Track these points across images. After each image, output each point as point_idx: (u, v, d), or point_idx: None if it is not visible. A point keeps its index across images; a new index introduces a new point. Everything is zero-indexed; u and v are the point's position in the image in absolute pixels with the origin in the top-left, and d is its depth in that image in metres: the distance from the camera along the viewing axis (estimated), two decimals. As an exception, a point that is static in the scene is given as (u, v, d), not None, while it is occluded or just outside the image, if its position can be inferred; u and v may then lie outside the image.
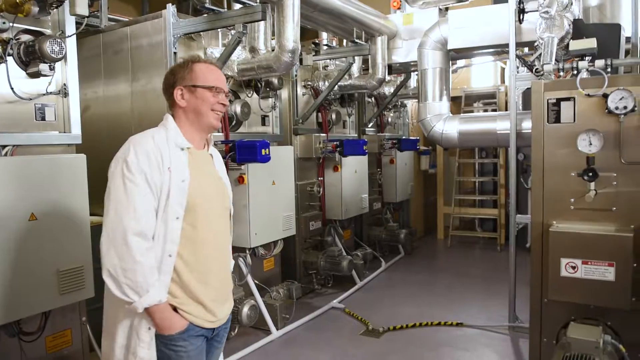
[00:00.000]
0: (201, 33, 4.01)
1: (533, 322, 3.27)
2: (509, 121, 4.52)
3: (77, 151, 3.24)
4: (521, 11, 4.42)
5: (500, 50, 5.63)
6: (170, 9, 3.78)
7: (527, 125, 4.66)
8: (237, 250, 4.28)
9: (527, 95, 6.87)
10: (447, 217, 8.57)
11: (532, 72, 4.43)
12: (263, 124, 4.84)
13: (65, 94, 3.16)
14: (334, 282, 5.87)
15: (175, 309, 1.91)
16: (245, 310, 4.06)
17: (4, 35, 2.81)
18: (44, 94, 3.06)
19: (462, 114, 5.44)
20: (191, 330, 1.94)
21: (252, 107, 4.46)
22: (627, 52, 4.02)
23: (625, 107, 2.81)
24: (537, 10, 4.02)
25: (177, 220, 1.89)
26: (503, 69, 8.72)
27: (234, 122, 4.34)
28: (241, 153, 3.87)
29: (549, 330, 3.19)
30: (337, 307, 5.17)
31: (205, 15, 3.78)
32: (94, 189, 3.13)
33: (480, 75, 8.70)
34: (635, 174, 2.89)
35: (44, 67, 2.92)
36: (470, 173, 8.80)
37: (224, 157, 3.94)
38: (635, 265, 2.80)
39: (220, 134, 4.17)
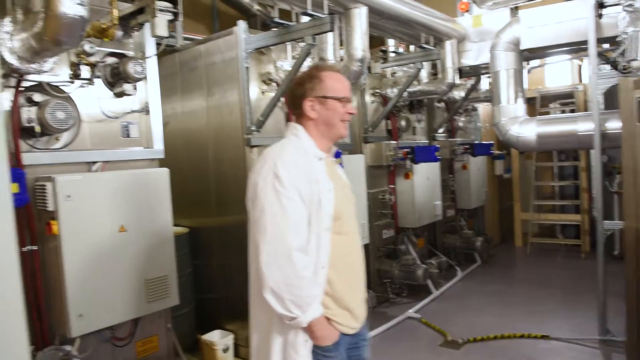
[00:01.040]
0: (271, 47, 4.11)
1: (630, 337, 3.04)
2: (592, 122, 4.26)
3: (159, 164, 3.41)
4: (600, 5, 4.18)
5: (577, 47, 5.35)
6: (242, 25, 3.90)
7: (611, 125, 4.37)
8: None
9: (609, 93, 6.49)
10: (525, 223, 8.19)
11: (615, 69, 4.17)
12: (333, 133, 4.86)
13: (148, 112, 3.35)
14: (409, 292, 5.76)
15: (328, 320, 1.91)
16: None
17: (92, 59, 3.02)
18: (129, 112, 3.25)
19: (539, 116, 5.20)
20: (341, 339, 1.95)
21: (322, 117, 4.49)
22: None
23: None
24: (618, 4, 3.80)
25: (327, 231, 1.89)
26: (580, 67, 8.28)
27: (305, 132, 4.39)
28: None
29: (648, 344, 2.96)
30: (413, 317, 5.07)
31: (276, 29, 3.87)
32: (175, 200, 3.28)
33: (556, 74, 8.30)
34: None
35: (128, 86, 3.11)
36: (549, 177, 8.38)
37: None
38: None
39: (292, 144, 4.21)
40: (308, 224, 1.85)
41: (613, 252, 6.64)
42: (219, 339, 4.02)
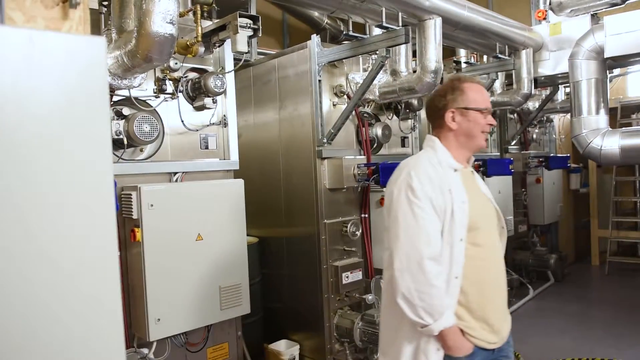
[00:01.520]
0: (343, 60, 4.13)
1: None
2: (685, 134, 3.97)
3: (234, 175, 3.50)
4: (695, 9, 3.91)
5: (667, 54, 5.01)
6: (315, 39, 3.96)
7: None
8: (379, 272, 4.26)
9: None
10: (603, 241, 7.73)
11: None
12: (403, 145, 4.82)
13: (225, 124, 3.45)
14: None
15: (462, 331, 1.92)
16: (389, 334, 3.99)
17: (176, 74, 3.16)
18: (208, 125, 3.37)
19: (623, 128, 4.91)
20: (476, 353, 1.94)
21: (392, 129, 4.47)
22: None
23: None
24: None
25: (461, 242, 1.91)
26: (667, 75, 7.75)
27: (375, 144, 4.38)
28: (385, 176, 3.87)
29: None
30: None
31: (349, 42, 3.89)
32: (247, 210, 3.35)
33: (638, 83, 7.82)
34: None
35: (208, 100, 3.22)
36: (630, 192, 7.89)
37: (366, 180, 3.99)
38: None
39: (363, 156, 4.22)
40: (441, 235, 1.89)
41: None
42: (285, 348, 4.06)
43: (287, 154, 4.31)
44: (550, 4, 5.74)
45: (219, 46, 3.25)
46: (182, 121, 3.24)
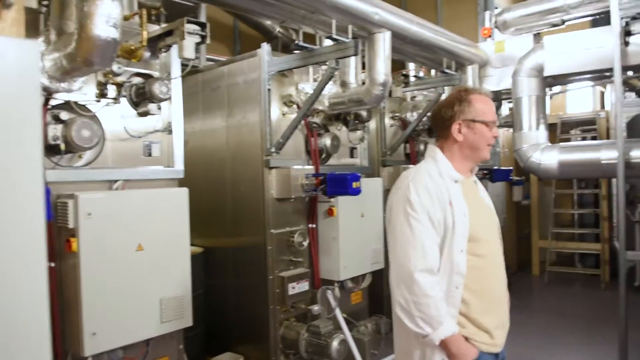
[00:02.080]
0: (293, 69, 4.13)
1: (655, 375, 2.94)
2: (616, 150, 4.20)
3: (179, 183, 3.42)
4: (627, 33, 4.15)
5: (601, 75, 5.30)
6: (266, 47, 3.94)
7: (635, 154, 4.33)
8: (326, 282, 4.26)
9: (633, 122, 6.40)
10: (543, 251, 8.05)
11: (641, 97, 4.11)
12: (351, 156, 4.85)
13: (170, 131, 3.36)
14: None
15: (466, 338, 1.95)
16: (335, 344, 3.98)
17: (119, 79, 3.05)
18: (152, 132, 3.27)
19: (561, 143, 5.15)
20: (481, 357, 1.97)
21: (341, 140, 4.50)
22: None
23: None
24: (646, 32, 3.76)
25: (461, 253, 1.94)
26: (602, 93, 8.20)
27: (324, 154, 4.39)
28: (332, 186, 3.88)
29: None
30: (427, 345, 4.97)
31: (299, 52, 3.90)
32: (191, 219, 3.27)
33: (577, 100, 8.24)
34: None
35: (152, 106, 3.13)
36: (569, 204, 8.26)
37: (314, 190, 3.99)
38: None
39: (311, 167, 4.22)
40: (439, 246, 1.93)
41: (634, 283, 6.50)
42: (229, 361, 3.98)
43: (234, 162, 4.25)
44: (495, 22, 5.97)
45: (165, 51, 3.18)
46: (125, 127, 3.13)
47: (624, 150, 4.14)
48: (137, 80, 3.17)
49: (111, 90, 3.00)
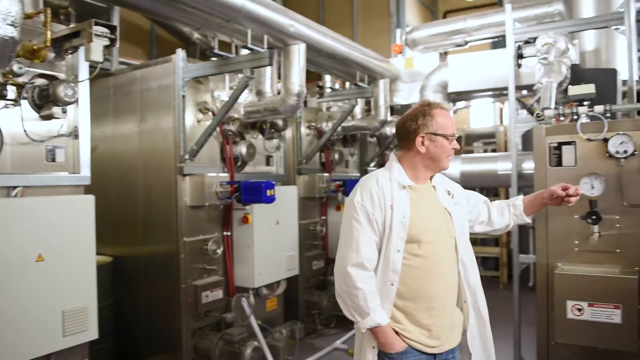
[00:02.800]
0: (209, 76, 4.12)
1: (540, 365, 3.24)
2: (510, 162, 4.58)
3: (85, 190, 3.28)
4: (519, 56, 4.55)
5: (499, 93, 5.76)
6: (180, 54, 3.90)
7: (527, 165, 4.72)
8: (241, 290, 4.26)
9: (527, 136, 6.99)
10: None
11: (531, 115, 4.52)
12: (267, 164, 4.90)
13: (76, 136, 3.23)
14: (337, 322, 5.80)
15: (397, 332, 2.10)
16: (248, 352, 4.00)
17: (20, 80, 2.89)
18: (56, 136, 3.13)
19: (463, 155, 5.53)
20: (410, 353, 2.11)
21: (257, 148, 4.54)
22: (623, 95, 4.12)
23: (625, 152, 2.88)
24: (535, 56, 4.14)
25: (398, 253, 2.08)
26: (502, 109, 8.88)
27: (239, 162, 4.41)
28: (246, 194, 3.91)
29: (557, 374, 3.16)
30: (340, 348, 5.10)
31: (214, 60, 3.90)
32: (100, 227, 3.16)
33: (480, 115, 8.85)
34: (637, 216, 2.93)
35: (56, 110, 2.99)
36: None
37: (228, 198, 4.00)
38: (641, 307, 2.80)
39: (226, 174, 4.22)
40: (377, 245, 2.11)
41: (528, 284, 7.05)
42: (139, 374, 3.86)
43: (147, 168, 4.15)
44: (405, 40, 6.31)
45: (71, 53, 3.05)
46: (26, 131, 2.97)
47: (517, 162, 4.52)
48: (41, 81, 3.02)
49: (10, 91, 2.84)
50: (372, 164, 7.05)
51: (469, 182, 5.25)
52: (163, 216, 4.00)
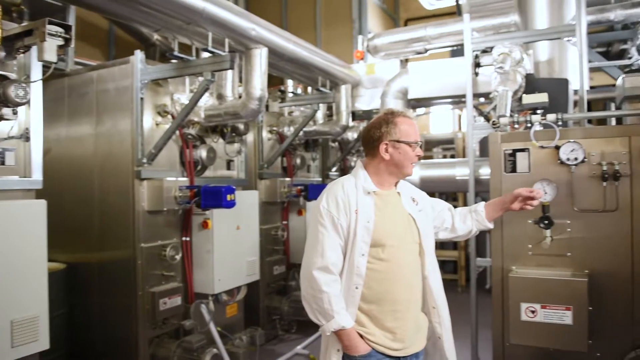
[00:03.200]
0: (168, 79, 4.05)
1: (496, 366, 3.32)
2: (468, 167, 4.68)
3: (37, 194, 3.16)
4: (477, 65, 4.67)
5: (458, 100, 5.90)
6: (139, 55, 3.82)
7: (484, 171, 4.84)
8: (200, 296, 4.19)
9: (484, 142, 7.18)
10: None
11: (488, 122, 4.64)
12: (228, 168, 4.85)
13: (28, 139, 3.11)
14: (298, 328, 5.78)
15: (361, 335, 2.13)
16: (207, 359, 3.94)
17: (-33, 79, 2.77)
18: (5, 138, 3.00)
19: (423, 160, 5.62)
20: (374, 356, 2.14)
21: (217, 152, 4.48)
22: (574, 104, 4.29)
23: (576, 159, 2.98)
24: (492, 65, 4.26)
25: (362, 257, 2.13)
26: (460, 116, 9.09)
27: (199, 166, 4.34)
28: (206, 199, 3.86)
29: (512, 374, 3.24)
30: (301, 354, 5.09)
31: (174, 62, 3.84)
32: (53, 233, 3.05)
33: (439, 121, 9.03)
34: (587, 221, 3.04)
35: (7, 111, 2.88)
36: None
37: (187, 203, 3.93)
38: (590, 308, 2.90)
39: (186, 178, 4.15)
40: (342, 249, 2.15)
41: (485, 286, 7.22)
42: (94, 384, 3.74)
43: (103, 172, 4.04)
44: (367, 46, 6.38)
45: (23, 52, 2.94)
46: (-28, 132, 2.85)
47: (475, 168, 4.63)
48: (-10, 81, 2.90)
49: (-45, 91, 2.71)
50: (334, 169, 7.09)
51: (428, 187, 5.34)
52: (119, 221, 3.90)
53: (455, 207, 2.73)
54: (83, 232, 4.13)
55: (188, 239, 4.18)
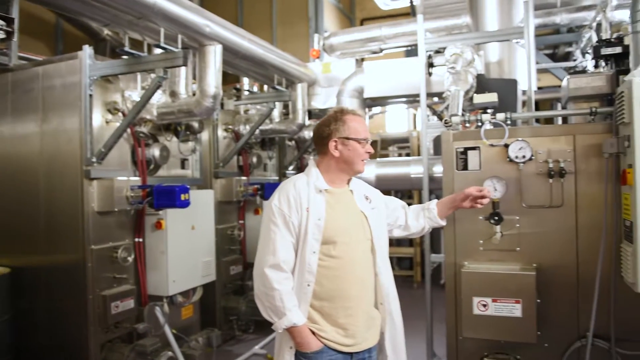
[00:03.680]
0: (119, 75, 3.93)
1: (450, 359, 3.39)
2: (422, 166, 4.77)
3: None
4: (430, 65, 4.76)
5: (412, 99, 6.00)
6: (87, 50, 3.69)
7: (438, 169, 4.95)
8: (154, 298, 4.10)
9: (437, 141, 7.34)
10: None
11: (441, 121, 4.75)
12: (183, 167, 4.76)
13: (-34, 137, 2.96)
14: (255, 328, 5.74)
15: (313, 332, 2.15)
16: (162, 363, 3.86)
17: None
18: (-58, 136, 2.84)
19: (378, 159, 5.69)
20: (326, 352, 2.17)
21: (171, 151, 4.39)
22: (523, 104, 4.43)
23: (524, 156, 3.08)
24: (444, 65, 4.35)
25: (313, 254, 2.15)
26: (415, 115, 9.25)
27: (152, 165, 4.24)
28: (159, 199, 3.77)
29: (465, 366, 3.32)
30: (258, 354, 5.06)
31: (125, 58, 3.73)
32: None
33: (395, 120, 9.16)
34: (534, 217, 3.15)
35: (-58, 107, 2.72)
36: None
37: (140, 203, 3.83)
38: (538, 301, 3.01)
39: (138, 178, 4.04)
40: (294, 246, 2.17)
41: (440, 282, 7.38)
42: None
43: (50, 172, 3.88)
44: (323, 45, 6.40)
45: (-40, 46, 2.80)
46: None
47: (429, 166, 4.72)
48: None
49: None
50: (291, 168, 7.07)
51: (384, 185, 5.41)
52: (67, 223, 3.75)
53: (410, 204, 2.78)
54: (28, 234, 3.95)
55: (141, 240, 4.07)
